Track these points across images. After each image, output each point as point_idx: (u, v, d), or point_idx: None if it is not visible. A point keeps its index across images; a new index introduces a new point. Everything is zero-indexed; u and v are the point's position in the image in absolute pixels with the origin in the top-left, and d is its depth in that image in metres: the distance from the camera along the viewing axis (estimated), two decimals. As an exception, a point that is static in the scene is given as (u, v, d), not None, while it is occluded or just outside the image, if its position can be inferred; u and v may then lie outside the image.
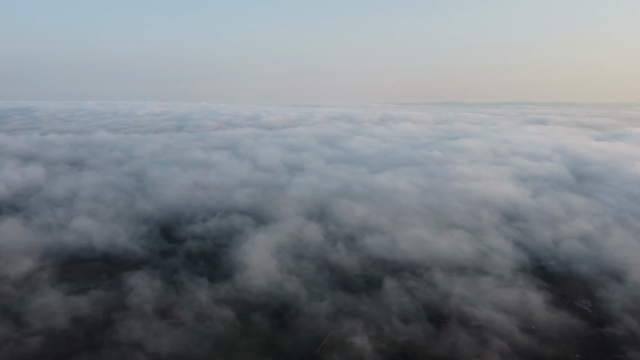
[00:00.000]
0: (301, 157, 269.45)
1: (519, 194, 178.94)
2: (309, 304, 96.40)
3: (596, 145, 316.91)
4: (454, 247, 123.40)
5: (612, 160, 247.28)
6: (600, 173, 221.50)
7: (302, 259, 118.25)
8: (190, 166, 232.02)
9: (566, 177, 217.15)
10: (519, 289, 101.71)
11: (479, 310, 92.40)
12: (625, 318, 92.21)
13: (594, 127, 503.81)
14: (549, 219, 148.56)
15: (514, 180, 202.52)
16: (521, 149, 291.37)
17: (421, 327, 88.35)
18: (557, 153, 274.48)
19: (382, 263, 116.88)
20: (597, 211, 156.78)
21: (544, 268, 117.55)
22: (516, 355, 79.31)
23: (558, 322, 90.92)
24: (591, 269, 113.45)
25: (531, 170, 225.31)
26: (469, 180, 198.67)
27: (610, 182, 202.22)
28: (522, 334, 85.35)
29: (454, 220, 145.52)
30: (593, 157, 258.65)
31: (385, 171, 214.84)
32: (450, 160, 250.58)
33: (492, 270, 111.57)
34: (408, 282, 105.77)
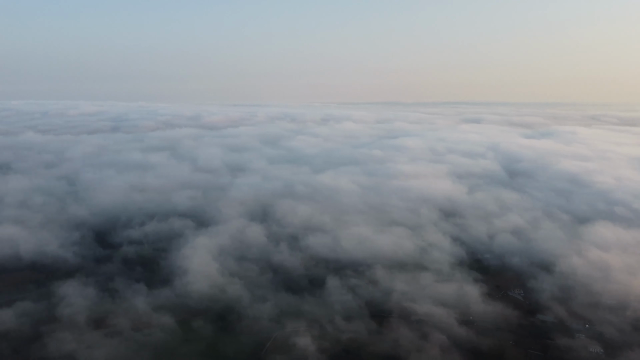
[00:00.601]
0: (243, 157, 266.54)
1: (456, 191, 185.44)
2: (252, 306, 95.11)
3: (526, 142, 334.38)
4: (395, 244, 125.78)
5: (541, 157, 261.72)
6: (530, 169, 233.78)
7: (244, 261, 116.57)
8: (127, 168, 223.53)
9: (499, 173, 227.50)
10: (456, 283, 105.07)
11: (419, 305, 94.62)
12: (554, 306, 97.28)
13: (524, 126, 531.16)
14: (483, 214, 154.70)
15: (451, 178, 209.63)
16: (457, 147, 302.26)
17: (364, 324, 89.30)
18: (491, 151, 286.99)
19: (325, 262, 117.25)
20: (528, 206, 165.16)
21: (479, 261, 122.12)
22: (455, 348, 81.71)
23: (493, 312, 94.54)
24: (523, 260, 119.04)
25: (467, 168, 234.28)
26: (408, 178, 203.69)
27: (539, 178, 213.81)
28: (460, 326, 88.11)
29: (395, 218, 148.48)
30: (523, 154, 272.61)
31: (328, 170, 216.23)
32: (390, 158, 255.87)
33: (432, 265, 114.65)
34: (351, 280, 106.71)
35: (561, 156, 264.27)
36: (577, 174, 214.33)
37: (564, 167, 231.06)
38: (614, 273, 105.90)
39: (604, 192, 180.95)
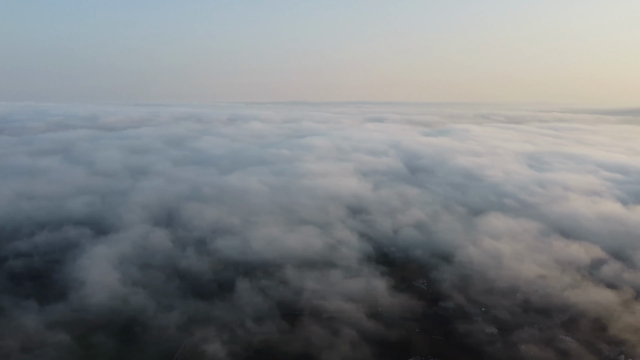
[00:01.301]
0: (145, 159, 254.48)
1: (362, 188, 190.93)
2: (157, 315, 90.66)
3: (425, 140, 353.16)
4: (305, 242, 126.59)
5: (438, 154, 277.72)
6: (429, 165, 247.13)
7: (149, 268, 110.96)
8: (13, 174, 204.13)
9: (401, 170, 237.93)
10: (364, 278, 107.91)
11: (330, 302, 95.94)
12: (454, 293, 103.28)
13: (423, 124, 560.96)
14: (388, 210, 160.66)
15: (357, 175, 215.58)
16: (362, 145, 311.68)
17: (275, 324, 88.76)
18: (393, 148, 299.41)
19: (234, 265, 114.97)
20: (428, 200, 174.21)
21: (386, 255, 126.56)
22: (364, 341, 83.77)
23: (400, 304, 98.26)
24: (425, 252, 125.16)
25: (372, 165, 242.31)
26: (316, 176, 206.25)
27: (438, 173, 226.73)
28: (369, 320, 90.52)
29: (304, 217, 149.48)
30: (423, 152, 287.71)
31: (235, 171, 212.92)
32: (298, 158, 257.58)
33: (340, 262, 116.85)
34: (261, 281, 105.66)
35: (457, 152, 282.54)
36: (471, 169, 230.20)
37: (459, 163, 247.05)
38: (505, 260, 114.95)
39: (495, 185, 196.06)
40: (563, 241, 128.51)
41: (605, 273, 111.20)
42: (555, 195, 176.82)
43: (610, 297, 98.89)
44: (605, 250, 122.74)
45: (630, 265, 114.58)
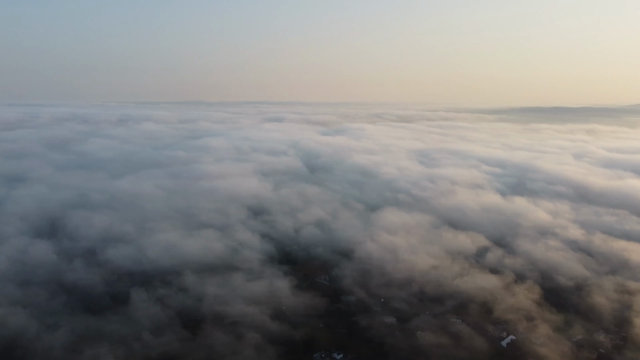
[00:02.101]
0: (22, 165, 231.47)
1: (262, 188, 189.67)
2: (41, 337, 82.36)
3: (323, 139, 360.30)
4: (204, 247, 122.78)
5: (336, 152, 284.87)
6: (327, 164, 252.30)
7: (29, 285, 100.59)
8: None
9: (301, 169, 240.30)
10: (267, 279, 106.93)
11: (232, 306, 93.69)
12: (355, 288, 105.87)
13: (320, 124, 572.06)
14: (289, 209, 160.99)
15: (257, 176, 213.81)
16: (261, 145, 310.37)
17: (175, 334, 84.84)
18: (292, 148, 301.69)
19: (128, 275, 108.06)
20: (328, 198, 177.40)
21: (288, 255, 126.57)
22: (269, 344, 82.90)
23: (303, 302, 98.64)
24: (326, 250, 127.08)
25: (271, 165, 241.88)
26: (214, 178, 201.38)
27: (336, 172, 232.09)
28: (273, 322, 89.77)
29: (203, 220, 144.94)
30: (321, 150, 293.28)
31: (127, 175, 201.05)
32: (195, 159, 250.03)
33: (242, 264, 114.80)
34: (158, 291, 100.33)
35: (353, 151, 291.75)
36: (367, 167, 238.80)
37: (356, 161, 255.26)
38: (401, 253, 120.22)
39: (389, 182, 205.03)
40: (452, 232, 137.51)
41: (489, 260, 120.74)
42: (444, 190, 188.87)
43: (494, 281, 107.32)
44: (489, 238, 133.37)
45: (510, 252, 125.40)
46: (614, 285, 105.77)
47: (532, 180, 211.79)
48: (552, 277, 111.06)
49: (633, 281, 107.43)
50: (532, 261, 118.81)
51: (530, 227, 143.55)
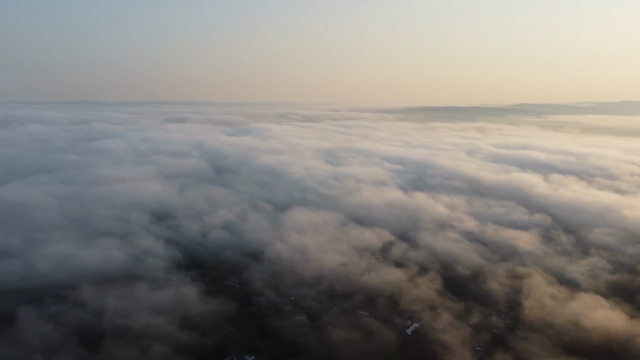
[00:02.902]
0: None
1: (166, 192, 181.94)
2: None
3: (229, 140, 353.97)
4: (104, 257, 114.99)
5: (242, 153, 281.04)
6: (234, 165, 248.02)
7: None
8: None
9: (207, 171, 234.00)
10: (173, 287, 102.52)
11: (136, 319, 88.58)
12: (266, 290, 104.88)
13: (225, 124, 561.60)
14: (195, 213, 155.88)
15: (160, 179, 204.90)
16: (164, 147, 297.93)
17: (72, 353, 78.48)
18: (197, 149, 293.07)
19: (15, 293, 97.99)
20: (236, 200, 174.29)
21: (196, 260, 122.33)
22: (178, 354, 79.49)
23: (212, 308, 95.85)
24: (235, 253, 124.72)
25: (175, 168, 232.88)
26: (113, 183, 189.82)
27: (243, 173, 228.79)
28: (182, 331, 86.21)
29: (101, 228, 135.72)
30: (227, 151, 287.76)
31: (11, 182, 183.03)
32: (91, 163, 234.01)
33: (146, 273, 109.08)
34: (51, 307, 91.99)
35: (260, 151, 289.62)
36: (274, 167, 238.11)
37: (263, 161, 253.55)
38: (310, 252, 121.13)
39: (297, 181, 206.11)
40: (359, 229, 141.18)
41: (394, 254, 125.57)
42: (350, 188, 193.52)
43: (399, 275, 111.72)
44: (393, 233, 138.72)
45: (413, 245, 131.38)
46: (506, 271, 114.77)
47: (430, 176, 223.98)
48: (452, 267, 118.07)
49: (521, 266, 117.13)
50: (434, 253, 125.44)
51: (430, 220, 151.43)
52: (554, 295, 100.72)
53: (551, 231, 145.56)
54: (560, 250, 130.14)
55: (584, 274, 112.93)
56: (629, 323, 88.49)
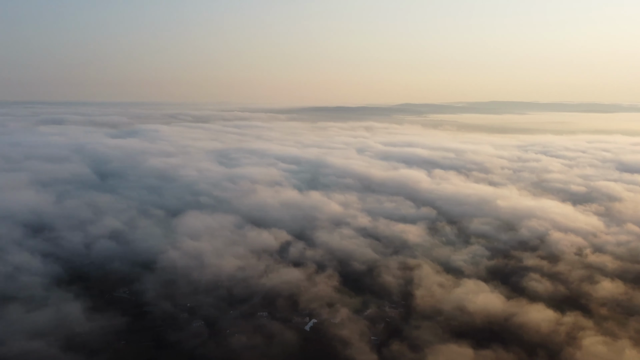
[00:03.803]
0: None
1: (42, 201, 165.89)
2: None
3: (113, 142, 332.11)
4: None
5: (129, 156, 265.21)
6: (120, 169, 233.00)
7: None
8: None
9: (89, 176, 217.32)
10: (54, 306, 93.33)
11: (9, 345, 79.28)
12: (160, 301, 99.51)
13: (109, 126, 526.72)
14: (77, 223, 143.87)
15: (34, 187, 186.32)
16: (37, 151, 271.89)
17: None
18: (77, 153, 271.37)
19: None
20: (123, 207, 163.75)
21: (79, 274, 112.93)
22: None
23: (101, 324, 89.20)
24: (125, 263, 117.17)
25: (52, 174, 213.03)
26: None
27: (130, 177, 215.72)
28: (66, 354, 78.84)
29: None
30: (112, 155, 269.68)
31: None
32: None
33: (20, 293, 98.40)
34: None
35: (148, 154, 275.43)
36: (164, 170, 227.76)
37: (152, 165, 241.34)
38: (206, 258, 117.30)
39: (190, 184, 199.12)
40: (255, 231, 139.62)
41: (292, 254, 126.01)
42: (245, 189, 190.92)
43: (297, 274, 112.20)
44: (290, 233, 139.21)
45: (310, 244, 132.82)
46: (398, 263, 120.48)
47: (324, 174, 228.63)
48: (348, 263, 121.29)
49: (412, 258, 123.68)
50: (330, 250, 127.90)
51: (325, 219, 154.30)
52: (441, 284, 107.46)
53: (436, 223, 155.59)
54: (445, 241, 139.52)
55: (466, 261, 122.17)
56: (507, 304, 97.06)
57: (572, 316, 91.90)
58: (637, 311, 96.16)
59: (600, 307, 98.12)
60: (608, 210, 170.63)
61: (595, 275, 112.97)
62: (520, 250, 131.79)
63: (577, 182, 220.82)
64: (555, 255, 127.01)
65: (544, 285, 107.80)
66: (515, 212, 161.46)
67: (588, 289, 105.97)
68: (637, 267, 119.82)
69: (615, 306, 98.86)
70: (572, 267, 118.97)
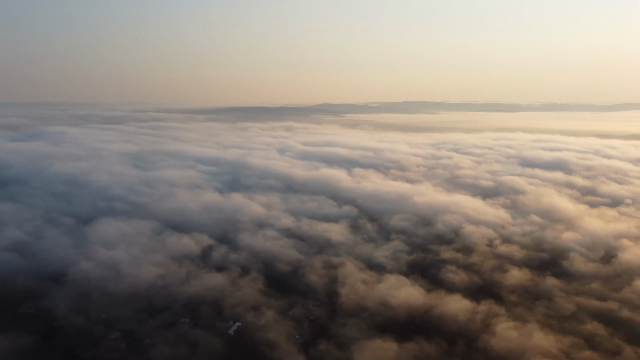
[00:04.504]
0: None
1: None
2: None
3: (13, 146, 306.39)
4: None
5: (33, 161, 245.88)
6: (22, 176, 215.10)
7: None
8: None
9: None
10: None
11: None
12: (71, 316, 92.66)
13: (8, 128, 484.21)
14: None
15: None
16: None
17: None
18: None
19: None
20: (27, 216, 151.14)
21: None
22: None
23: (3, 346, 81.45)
24: (30, 278, 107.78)
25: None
26: None
27: (34, 184, 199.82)
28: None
29: None
30: (12, 160, 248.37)
31: None
32: None
33: None
34: None
35: (54, 158, 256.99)
36: (74, 175, 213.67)
37: (59, 169, 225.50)
38: (123, 267, 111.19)
39: (102, 190, 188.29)
40: (175, 236, 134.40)
41: (215, 258, 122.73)
42: (163, 193, 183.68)
43: (221, 279, 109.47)
44: (212, 237, 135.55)
45: (233, 247, 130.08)
46: (322, 262, 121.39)
47: (245, 176, 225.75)
48: (273, 265, 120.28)
49: (335, 257, 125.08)
50: (254, 253, 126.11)
51: (248, 221, 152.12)
52: (364, 280, 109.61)
53: (358, 221, 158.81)
54: (367, 238, 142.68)
55: (387, 257, 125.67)
56: (427, 296, 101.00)
57: (487, 304, 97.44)
58: (542, 296, 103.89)
59: (511, 294, 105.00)
60: (513, 203, 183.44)
61: (504, 264, 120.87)
62: (437, 244, 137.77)
63: (485, 178, 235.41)
64: (469, 247, 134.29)
65: (460, 276, 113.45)
66: (431, 208, 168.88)
67: (499, 278, 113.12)
68: (540, 254, 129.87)
69: (523, 292, 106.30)
70: (484, 257, 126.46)
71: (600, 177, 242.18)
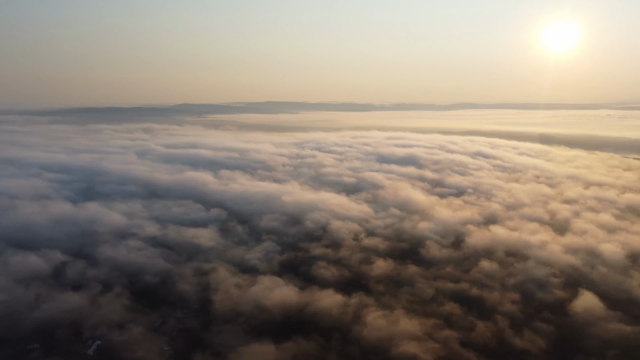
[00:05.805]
0: None
1: None
2: None
3: None
4: None
5: None
6: None
7: None
8: None
9: None
10: None
11: None
12: None
13: None
14: None
15: None
16: None
17: None
18: None
19: None
20: None
21: None
22: None
23: None
24: None
25: None
26: None
27: None
28: None
29: None
30: None
31: None
32: None
33: None
34: None
35: None
36: None
37: None
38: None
39: None
40: (20, 255, 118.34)
41: (70, 276, 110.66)
42: (2, 206, 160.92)
43: (78, 298, 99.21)
44: (66, 253, 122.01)
45: (92, 262, 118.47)
46: (193, 270, 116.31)
47: (101, 183, 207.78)
48: (139, 277, 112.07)
49: (206, 263, 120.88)
50: (117, 266, 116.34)
51: (108, 232, 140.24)
52: (238, 284, 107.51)
53: (227, 224, 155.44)
54: (238, 241, 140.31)
55: (260, 259, 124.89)
56: (301, 294, 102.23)
57: (357, 297, 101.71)
58: (405, 283, 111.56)
59: (377, 284, 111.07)
60: (374, 198, 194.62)
61: (370, 256, 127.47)
62: (307, 242, 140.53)
63: (348, 174, 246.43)
64: (337, 243, 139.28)
65: (331, 271, 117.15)
66: (300, 206, 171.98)
67: (366, 270, 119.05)
68: (401, 244, 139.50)
69: (388, 282, 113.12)
70: (352, 251, 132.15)
71: (446, 170, 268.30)
